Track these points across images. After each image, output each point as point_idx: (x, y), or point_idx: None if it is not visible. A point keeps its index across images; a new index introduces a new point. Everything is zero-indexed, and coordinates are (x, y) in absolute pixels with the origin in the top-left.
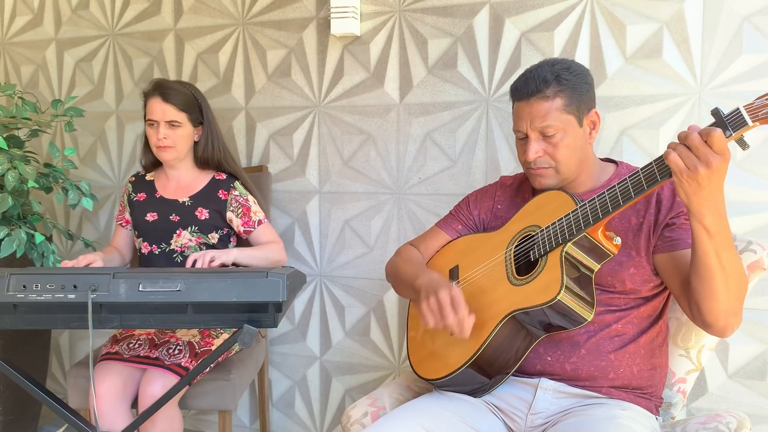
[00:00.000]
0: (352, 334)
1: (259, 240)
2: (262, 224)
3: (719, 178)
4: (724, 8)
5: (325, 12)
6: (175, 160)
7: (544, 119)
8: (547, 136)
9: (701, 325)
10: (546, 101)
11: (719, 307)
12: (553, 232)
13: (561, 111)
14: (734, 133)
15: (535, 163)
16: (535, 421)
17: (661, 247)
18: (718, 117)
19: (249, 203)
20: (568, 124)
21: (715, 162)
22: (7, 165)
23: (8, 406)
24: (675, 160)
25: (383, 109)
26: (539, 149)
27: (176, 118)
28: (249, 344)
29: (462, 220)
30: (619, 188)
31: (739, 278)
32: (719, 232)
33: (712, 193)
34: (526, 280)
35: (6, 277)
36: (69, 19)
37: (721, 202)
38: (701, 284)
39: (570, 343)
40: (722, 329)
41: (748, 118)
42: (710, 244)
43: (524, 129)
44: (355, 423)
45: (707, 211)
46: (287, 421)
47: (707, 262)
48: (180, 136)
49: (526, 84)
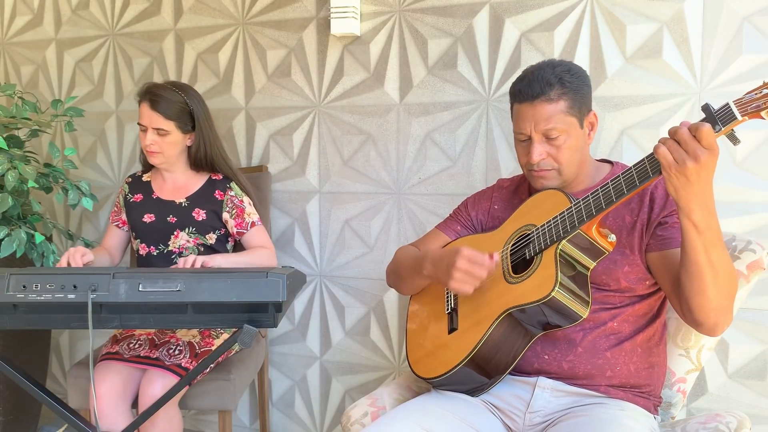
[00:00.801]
0: (352, 334)
1: (250, 243)
2: (255, 227)
3: (707, 173)
4: (724, 8)
5: (325, 12)
6: (164, 164)
7: (548, 122)
8: (551, 138)
9: (692, 324)
10: (550, 104)
11: (709, 305)
12: (548, 230)
13: (564, 113)
14: (724, 127)
15: (538, 166)
16: (534, 419)
17: (653, 246)
18: (708, 112)
19: (243, 204)
20: (571, 127)
21: (704, 156)
22: (7, 165)
23: (8, 406)
24: (664, 153)
25: (383, 109)
26: (543, 151)
27: (163, 126)
28: (249, 344)
29: (461, 222)
30: (612, 185)
31: (728, 275)
32: (708, 227)
33: (701, 188)
34: (521, 278)
35: (6, 277)
36: (69, 19)
37: (710, 198)
38: (690, 281)
39: (567, 342)
40: (712, 327)
41: (738, 112)
42: (699, 240)
43: (528, 131)
44: (355, 423)
45: (696, 207)
46: (287, 421)
47: (696, 258)
48: (167, 143)
49: (530, 86)
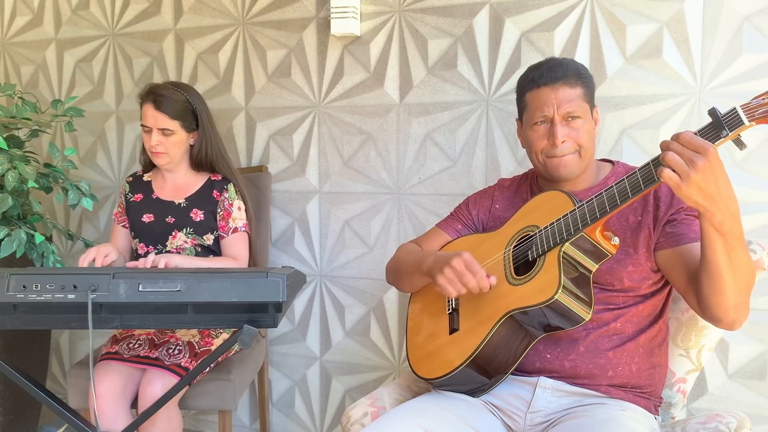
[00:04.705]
0: (352, 334)
1: (226, 249)
2: (237, 233)
3: (714, 177)
4: (724, 8)
5: (325, 12)
6: (169, 164)
7: (570, 104)
8: (572, 120)
9: (709, 319)
10: (571, 88)
11: (728, 302)
12: (551, 231)
13: (581, 99)
14: (731, 132)
15: (560, 150)
16: (535, 419)
17: (664, 243)
18: (715, 117)
19: (232, 208)
20: (586, 113)
21: (700, 162)
22: (7, 165)
23: (8, 406)
24: (670, 161)
25: (383, 109)
26: (565, 134)
27: (168, 126)
28: (249, 344)
29: (462, 220)
30: (616, 188)
31: (748, 273)
32: (730, 231)
33: (719, 191)
34: (524, 279)
35: (6, 277)
36: (69, 19)
37: (731, 200)
38: (710, 280)
39: (569, 341)
40: (731, 323)
41: (745, 117)
42: (720, 242)
43: (551, 113)
44: (355, 423)
45: (715, 210)
46: (287, 421)
47: (716, 259)
48: (172, 143)
49: (551, 71)
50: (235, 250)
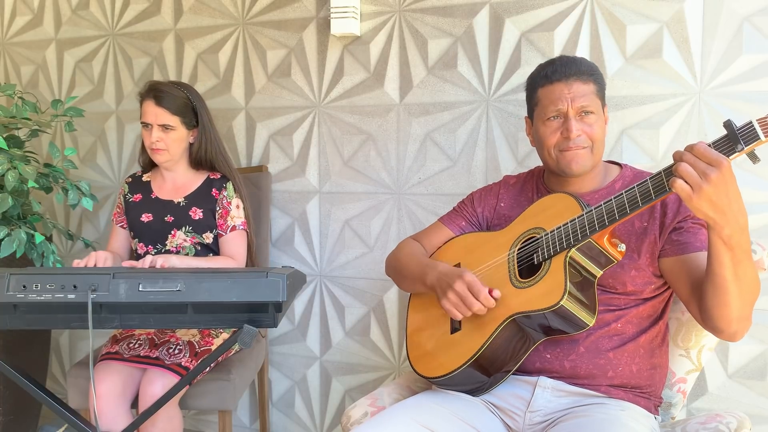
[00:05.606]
0: (352, 334)
1: (223, 248)
2: (235, 231)
3: (726, 190)
4: (724, 8)
5: (325, 12)
6: (169, 162)
7: (584, 98)
8: (586, 115)
9: (711, 330)
10: (584, 83)
11: (732, 315)
12: (558, 236)
13: (594, 95)
14: (746, 147)
15: (574, 143)
16: (534, 419)
17: (669, 251)
18: (731, 129)
19: (230, 206)
20: (599, 109)
21: (713, 175)
22: (7, 165)
23: (8, 406)
24: (683, 172)
25: (383, 109)
26: (579, 128)
27: (169, 122)
28: (249, 344)
29: (466, 217)
30: (626, 196)
31: (753, 286)
32: (738, 245)
33: (730, 204)
34: (528, 283)
35: (6, 277)
36: (69, 19)
37: (741, 213)
38: (715, 292)
39: (569, 341)
40: (732, 334)
41: (762, 132)
42: (727, 256)
43: (565, 108)
44: (355, 423)
45: (725, 223)
46: (287, 421)
47: (722, 272)
48: (173, 140)
49: (565, 66)
50: (233, 249)
